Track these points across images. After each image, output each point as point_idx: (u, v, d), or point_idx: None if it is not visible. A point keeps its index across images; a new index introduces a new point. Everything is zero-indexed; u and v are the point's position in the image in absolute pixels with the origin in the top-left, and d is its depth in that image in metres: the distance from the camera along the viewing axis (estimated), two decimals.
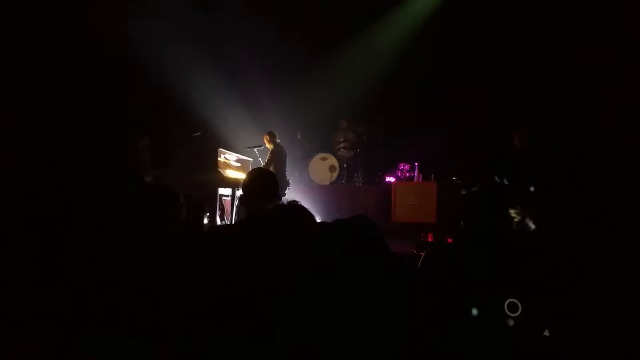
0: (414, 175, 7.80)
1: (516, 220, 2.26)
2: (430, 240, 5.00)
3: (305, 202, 2.13)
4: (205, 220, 3.68)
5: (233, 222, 6.28)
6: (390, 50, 8.73)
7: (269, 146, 6.98)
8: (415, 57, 8.26)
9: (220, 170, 6.51)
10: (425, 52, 8.14)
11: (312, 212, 2.09)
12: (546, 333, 1.75)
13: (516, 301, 1.78)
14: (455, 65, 7.88)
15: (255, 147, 7.12)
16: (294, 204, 2.07)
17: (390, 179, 8.07)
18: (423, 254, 2.34)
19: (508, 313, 1.78)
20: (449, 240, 4.32)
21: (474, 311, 1.79)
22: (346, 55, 8.82)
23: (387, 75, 8.46)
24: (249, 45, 8.45)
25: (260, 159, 7.07)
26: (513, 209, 2.22)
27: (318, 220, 2.22)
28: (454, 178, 7.55)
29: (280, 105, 8.63)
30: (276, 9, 8.46)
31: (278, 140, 7.10)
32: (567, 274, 1.85)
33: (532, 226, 2.24)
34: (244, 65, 8.49)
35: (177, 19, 7.85)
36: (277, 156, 6.88)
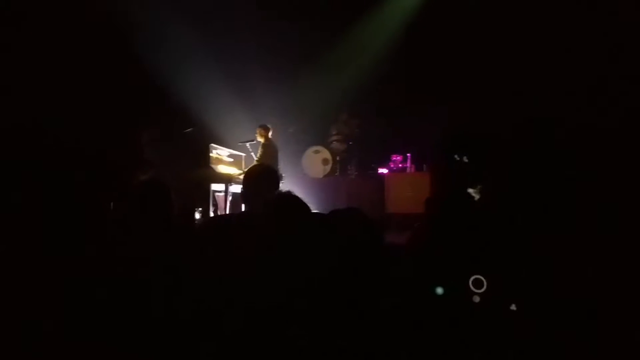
0: (407, 166, 7.81)
1: (476, 198, 2.26)
2: None
3: (299, 196, 2.12)
4: (198, 216, 3.68)
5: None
6: (381, 42, 8.71)
7: (261, 140, 6.95)
8: (407, 48, 8.25)
9: (213, 166, 6.48)
10: (417, 43, 8.13)
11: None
12: (513, 307, 1.74)
13: (481, 277, 1.77)
14: (448, 56, 7.88)
15: (248, 141, 7.10)
16: (289, 195, 2.07)
17: (383, 170, 8.07)
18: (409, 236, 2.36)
19: (473, 290, 1.77)
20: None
21: (439, 290, 1.78)
22: (337, 48, 8.79)
23: (379, 67, 8.44)
24: (240, 39, 8.39)
25: (252, 153, 7.04)
26: (472, 187, 2.22)
27: (313, 211, 2.22)
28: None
29: (272, 98, 8.59)
30: (270, 1, 8.40)
31: (270, 135, 7.07)
32: (531, 249, 1.86)
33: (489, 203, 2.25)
34: (235, 59, 8.44)
35: (168, 13, 7.77)
36: (269, 151, 6.86)
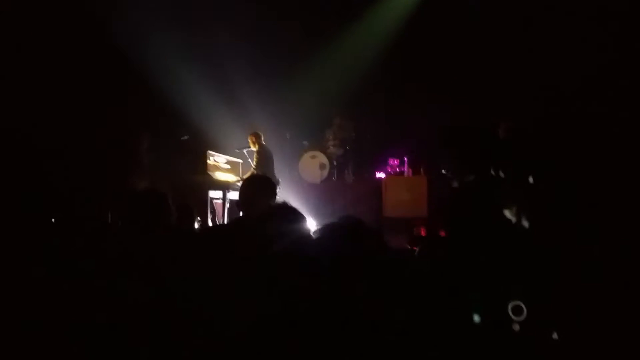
0: (404, 170, 7.82)
1: (513, 221, 2.09)
2: (423, 234, 5.02)
3: (296, 201, 2.12)
4: (197, 225, 3.67)
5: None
6: (375, 44, 8.73)
7: (254, 147, 6.92)
8: (403, 51, 8.27)
9: (210, 173, 6.48)
10: (413, 46, 8.16)
11: (304, 211, 2.07)
12: (555, 336, 1.63)
13: (520, 304, 1.64)
14: (441, 58, 7.91)
15: (245, 148, 7.08)
16: (284, 205, 2.06)
17: (380, 174, 8.08)
18: (417, 249, 2.31)
19: (513, 317, 1.65)
20: (442, 233, 4.32)
21: (476, 318, 1.66)
22: (334, 52, 8.80)
23: (373, 70, 8.46)
24: (235, 45, 8.40)
25: (250, 159, 7.03)
26: (508, 209, 2.07)
27: (311, 221, 2.21)
28: (443, 171, 7.58)
29: (269, 104, 8.59)
30: (266, 7, 8.41)
31: (263, 141, 7.05)
32: (572, 273, 1.76)
33: (527, 225, 2.08)
34: (231, 65, 8.44)
35: (165, 20, 7.79)
36: (264, 157, 6.85)
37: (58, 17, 6.89)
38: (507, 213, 2.04)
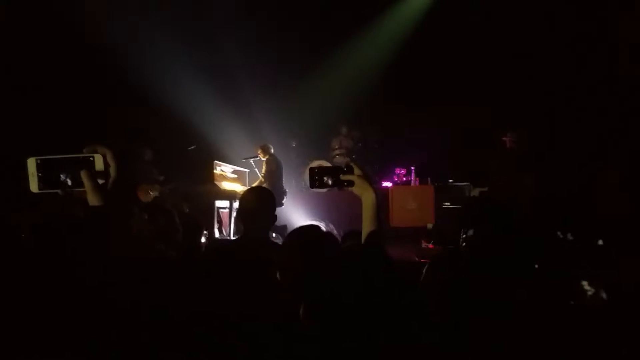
0: (411, 179, 7.78)
1: (590, 293, 1.96)
2: (431, 247, 4.97)
3: (302, 210, 2.08)
4: (203, 239, 3.64)
5: (232, 237, 6.24)
6: (382, 55, 8.75)
7: (264, 157, 6.90)
8: (409, 60, 8.27)
9: (217, 183, 6.48)
10: (419, 55, 8.16)
11: (309, 219, 2.03)
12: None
13: None
14: (449, 67, 7.90)
15: (251, 158, 7.07)
16: (315, 229, 1.98)
17: (387, 184, 8.05)
18: (426, 262, 2.27)
19: None
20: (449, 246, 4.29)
21: None
22: (339, 61, 8.82)
23: (381, 79, 8.47)
24: (241, 56, 8.43)
25: (256, 169, 7.02)
26: (586, 280, 1.92)
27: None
28: (450, 180, 7.56)
29: (275, 113, 8.60)
30: (270, 17, 8.44)
31: (272, 151, 7.03)
32: None
33: (605, 297, 1.96)
34: (237, 76, 8.47)
35: (172, 32, 7.83)
36: (273, 167, 6.82)
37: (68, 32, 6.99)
38: (585, 285, 1.90)
